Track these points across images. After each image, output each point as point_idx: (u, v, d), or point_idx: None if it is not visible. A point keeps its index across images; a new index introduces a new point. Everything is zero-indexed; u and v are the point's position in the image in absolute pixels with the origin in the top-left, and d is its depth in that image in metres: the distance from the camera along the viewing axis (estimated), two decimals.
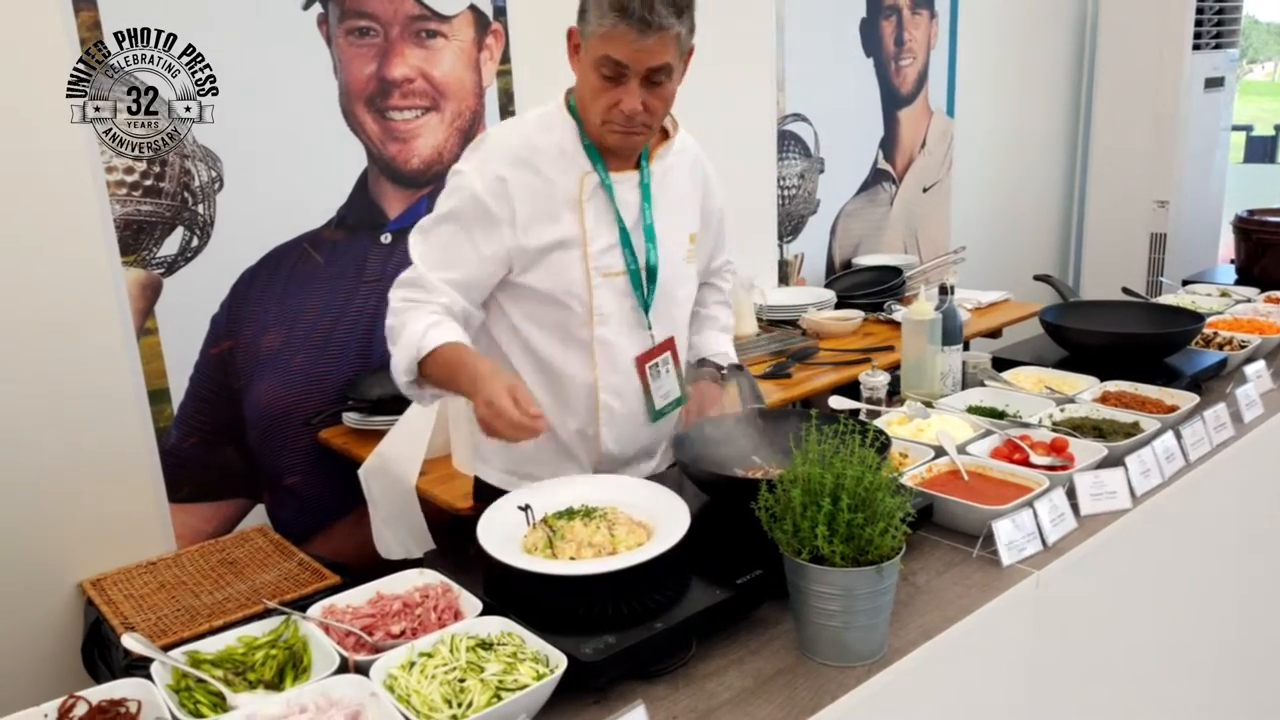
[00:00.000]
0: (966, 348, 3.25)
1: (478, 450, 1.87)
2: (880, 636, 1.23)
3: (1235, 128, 7.84)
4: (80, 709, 1.06)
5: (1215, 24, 4.73)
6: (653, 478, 1.67)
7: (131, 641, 1.13)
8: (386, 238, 2.72)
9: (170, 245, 2.31)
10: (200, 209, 2.35)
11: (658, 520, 1.40)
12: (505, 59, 2.86)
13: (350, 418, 2.54)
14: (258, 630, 1.22)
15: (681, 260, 1.79)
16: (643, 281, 1.71)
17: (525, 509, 1.44)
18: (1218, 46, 4.77)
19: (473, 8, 2.76)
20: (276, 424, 2.54)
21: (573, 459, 1.77)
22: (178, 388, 2.36)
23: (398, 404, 2.34)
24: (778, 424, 1.66)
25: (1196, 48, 4.63)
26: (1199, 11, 4.59)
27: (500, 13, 2.82)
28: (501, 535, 1.37)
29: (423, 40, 2.68)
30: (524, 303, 1.69)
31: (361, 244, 2.67)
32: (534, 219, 1.63)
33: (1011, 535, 1.46)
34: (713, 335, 1.99)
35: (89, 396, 2.24)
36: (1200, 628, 1.95)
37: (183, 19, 2.24)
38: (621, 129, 1.60)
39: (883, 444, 1.50)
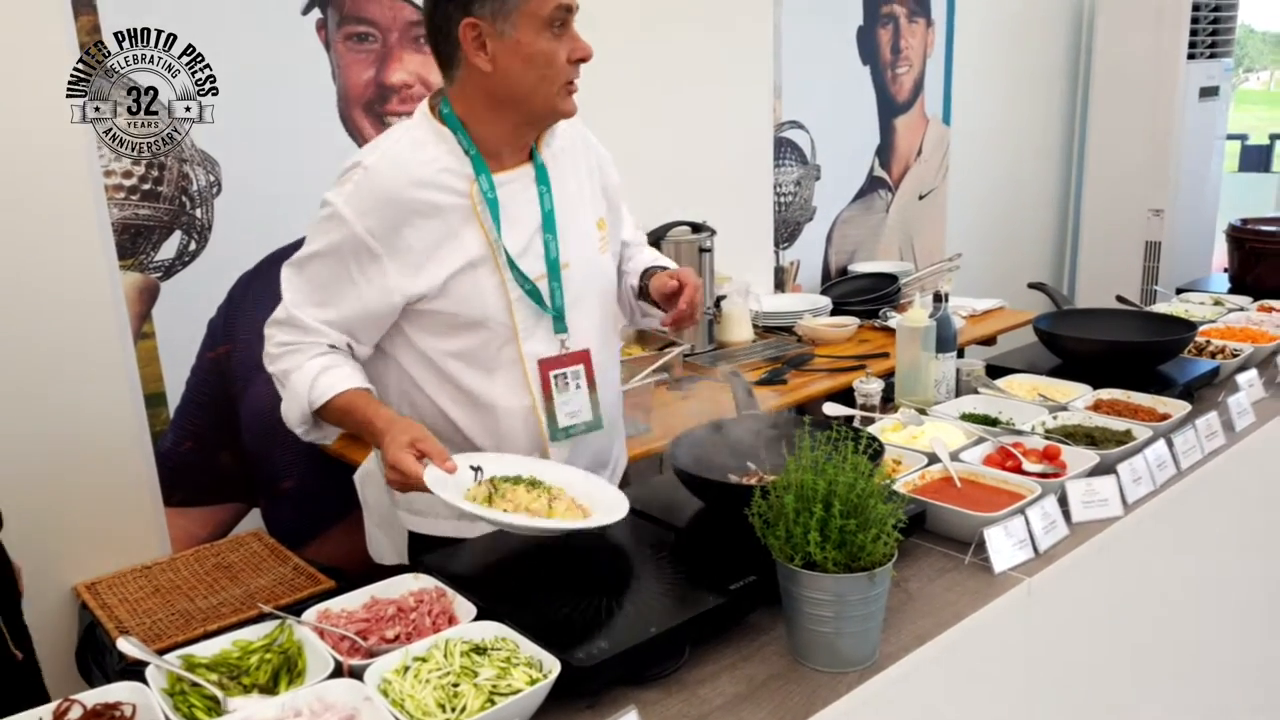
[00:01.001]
0: (961, 355, 3.27)
1: (405, 502, 1.73)
2: (872, 643, 1.24)
3: (1230, 136, 7.87)
4: (75, 712, 1.06)
5: (1210, 33, 4.76)
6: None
7: (127, 645, 1.13)
8: None
9: (168, 249, 2.32)
10: (198, 213, 2.35)
11: (598, 508, 1.41)
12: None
13: None
14: (252, 634, 1.22)
15: (595, 250, 1.68)
16: (553, 278, 1.61)
17: (477, 469, 1.46)
18: (1212, 56, 4.79)
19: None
20: (272, 428, 2.53)
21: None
22: (174, 391, 2.37)
23: None
24: (773, 429, 1.66)
25: (1191, 57, 4.66)
26: (1194, 21, 4.62)
27: None
28: (449, 484, 1.39)
29: (421, 46, 2.69)
30: (436, 333, 1.58)
31: None
32: (430, 248, 1.53)
33: (1003, 542, 1.46)
34: (645, 254, 1.90)
35: (85, 399, 2.24)
36: (1193, 635, 1.96)
37: (183, 23, 2.25)
38: (574, 86, 1.54)
39: (875, 451, 1.50)
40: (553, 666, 1.10)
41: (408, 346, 1.61)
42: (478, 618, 1.23)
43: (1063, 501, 1.60)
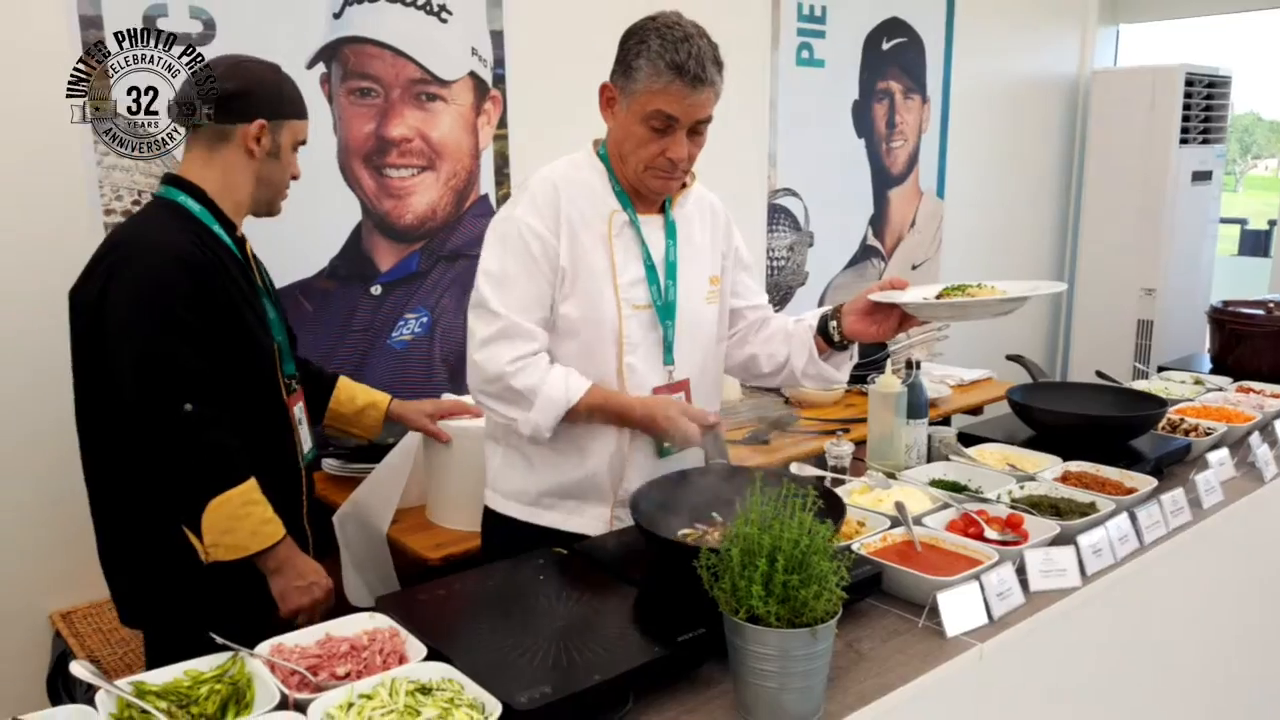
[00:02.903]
0: (947, 423, 3.30)
1: (492, 483, 1.93)
2: (816, 699, 1.25)
3: (1230, 220, 7.98)
4: None
5: (1203, 119, 4.86)
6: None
7: (79, 669, 1.15)
8: (377, 289, 2.78)
9: None
10: None
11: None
12: (502, 124, 2.96)
13: (329, 464, 2.57)
14: (205, 665, 1.24)
15: (702, 300, 1.90)
16: (666, 316, 1.83)
17: None
18: (1205, 141, 4.89)
19: (473, 74, 2.86)
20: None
21: (594, 490, 1.85)
22: None
23: (375, 452, 2.38)
24: (743, 483, 1.68)
25: (1184, 142, 4.76)
26: (1186, 107, 4.73)
27: (499, 80, 2.92)
28: None
29: (422, 103, 2.78)
30: (556, 333, 1.80)
31: (352, 294, 2.74)
32: (574, 249, 1.77)
33: (956, 606, 1.48)
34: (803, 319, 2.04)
35: (70, 429, 2.27)
36: (1144, 710, 1.96)
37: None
38: (665, 174, 1.78)
39: (832, 508, 1.53)
40: (494, 709, 1.12)
41: None
42: (427, 658, 1.25)
43: (1022, 570, 1.62)
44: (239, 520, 1.72)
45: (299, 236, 2.59)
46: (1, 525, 2.24)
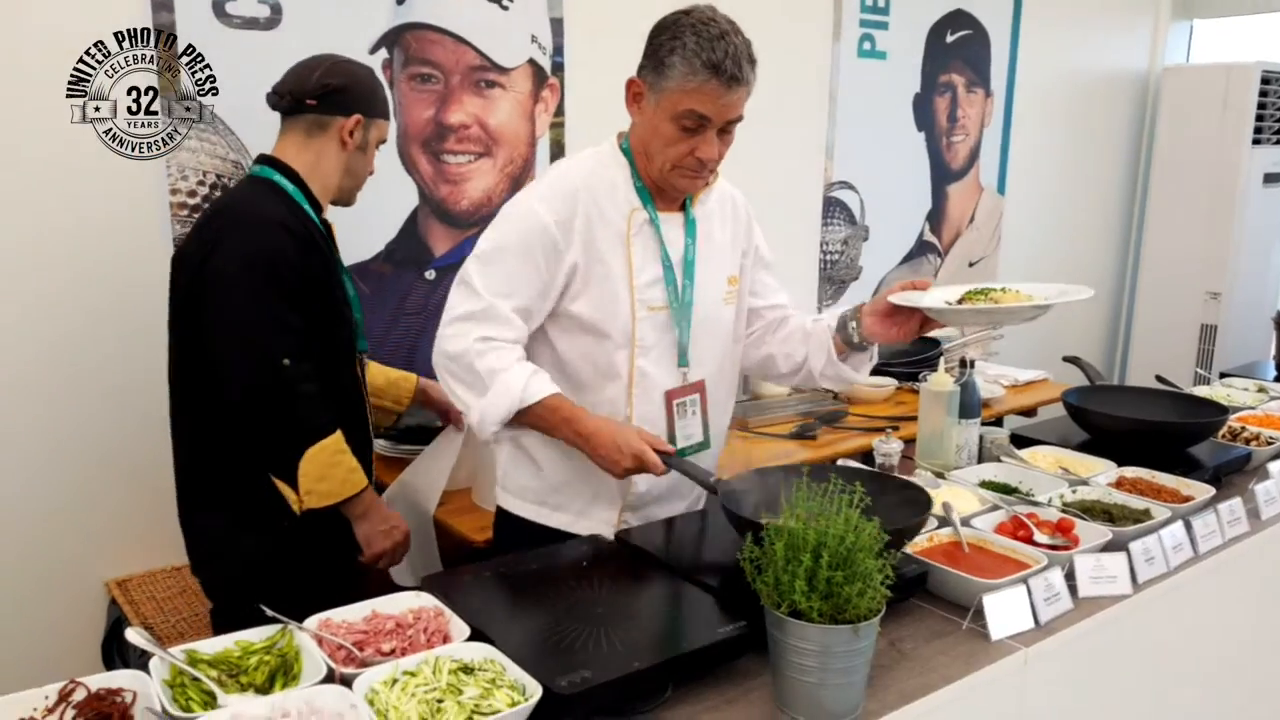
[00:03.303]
0: (999, 424, 3.25)
1: (502, 481, 1.92)
2: (855, 697, 1.25)
3: None
4: (79, 694, 1.12)
5: (1278, 119, 4.71)
6: (680, 519, 1.79)
7: (134, 636, 1.19)
8: (431, 274, 2.82)
9: None
10: None
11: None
12: (559, 112, 2.97)
13: (379, 444, 2.60)
14: (255, 636, 1.27)
15: (719, 300, 1.85)
16: (682, 317, 1.79)
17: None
18: (1279, 142, 4.74)
19: (532, 62, 2.87)
20: None
21: (603, 492, 1.82)
22: None
23: (424, 434, 2.41)
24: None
25: (1256, 142, 4.62)
26: (1260, 107, 4.59)
27: (558, 68, 2.93)
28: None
29: (481, 90, 2.80)
30: (568, 330, 1.77)
31: (407, 278, 2.77)
32: (589, 247, 1.72)
33: (1002, 610, 1.46)
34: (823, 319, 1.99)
35: (130, 402, 2.34)
36: None
37: (261, 59, 2.37)
38: (693, 174, 1.72)
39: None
40: (535, 691, 1.14)
41: (543, 342, 1.80)
42: (470, 638, 1.26)
43: (1071, 576, 1.60)
44: (331, 468, 1.86)
45: (357, 220, 2.61)
46: (60, 495, 2.30)
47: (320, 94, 1.98)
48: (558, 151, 2.97)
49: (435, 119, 2.73)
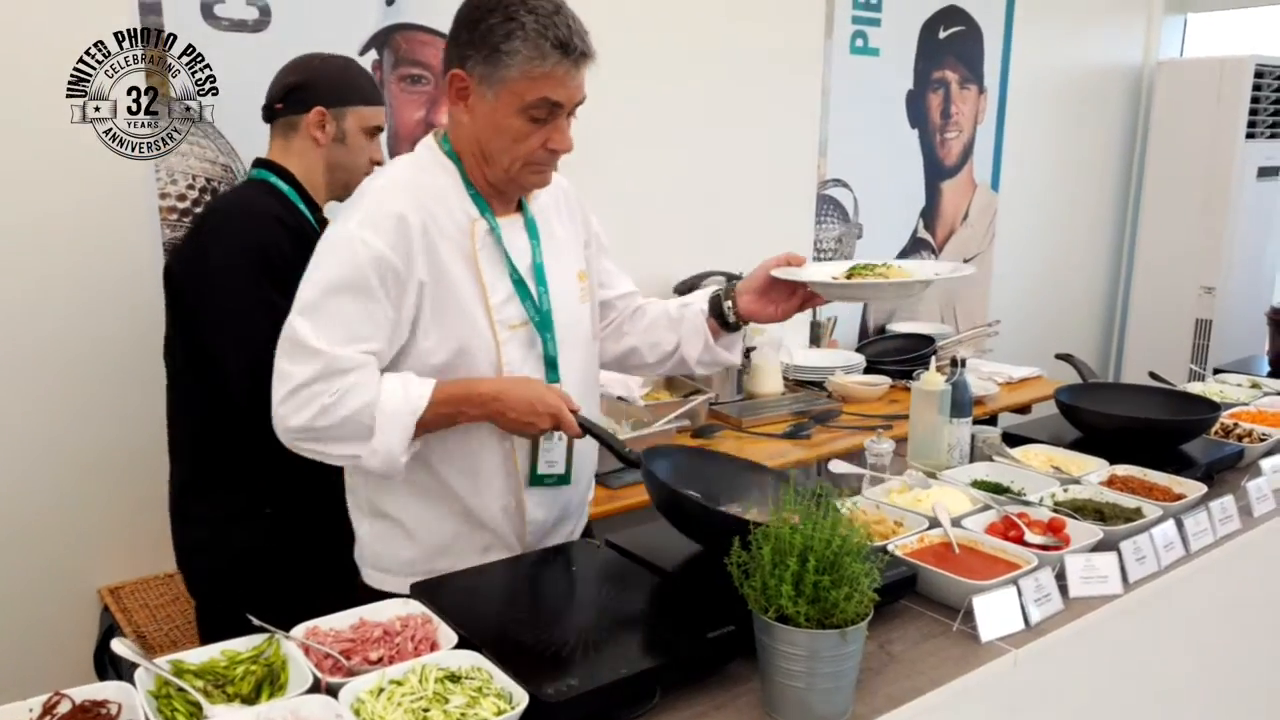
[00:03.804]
0: (993, 421, 3.25)
1: (371, 561, 1.70)
2: (844, 700, 1.24)
3: None
4: (64, 706, 1.11)
5: (1272, 113, 4.71)
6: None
7: (120, 646, 1.19)
8: None
9: None
10: None
11: None
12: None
13: None
14: (242, 645, 1.27)
15: (576, 301, 1.71)
16: (545, 328, 1.63)
17: None
18: (1273, 136, 4.74)
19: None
20: None
21: (497, 539, 1.66)
22: None
23: None
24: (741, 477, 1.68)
25: (1250, 136, 4.61)
26: (1254, 100, 4.58)
27: None
28: None
29: None
30: (426, 369, 1.55)
31: None
32: (434, 268, 1.53)
33: (992, 611, 1.46)
34: (689, 297, 1.89)
35: (124, 408, 2.34)
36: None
37: (244, 58, 2.36)
38: (544, 168, 1.57)
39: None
40: (521, 700, 1.13)
41: None
42: (459, 646, 1.26)
43: (1061, 576, 1.59)
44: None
45: None
46: (52, 502, 2.30)
47: (283, 95, 2.00)
48: None
49: (426, 120, 2.73)
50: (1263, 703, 2.15)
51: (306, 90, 2.00)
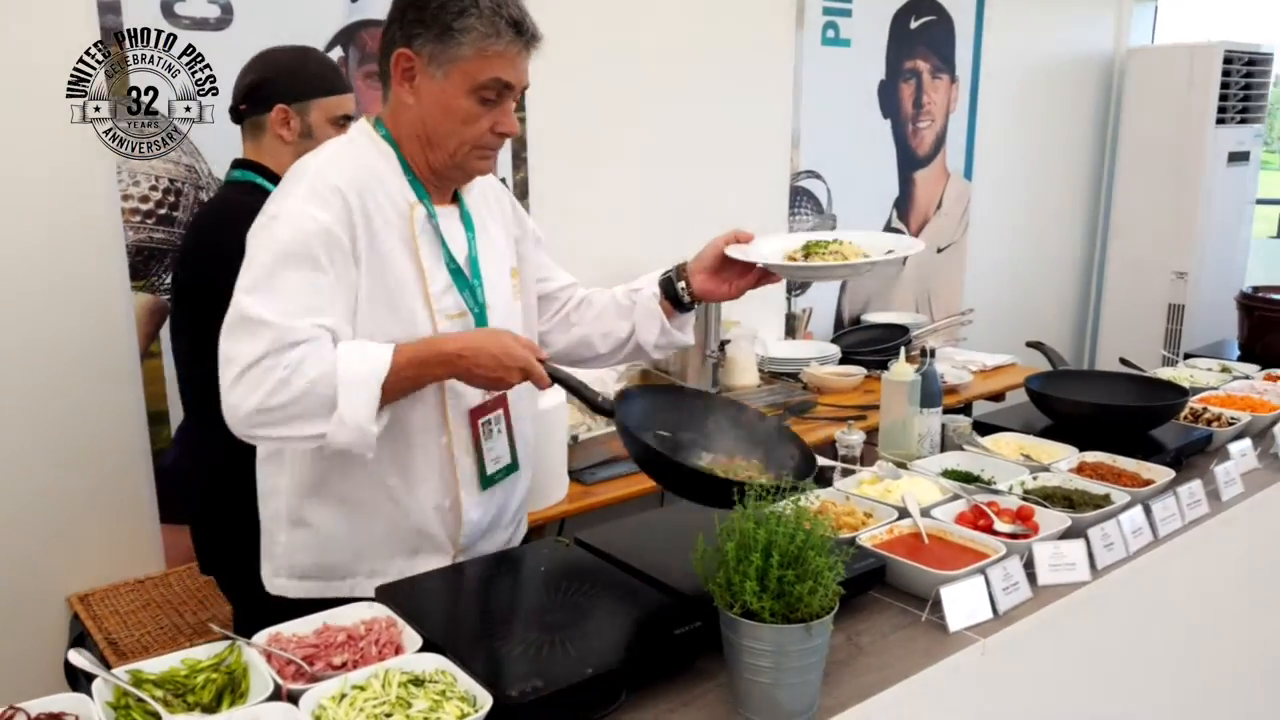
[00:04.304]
0: (968, 409, 3.26)
1: (279, 566, 1.62)
2: (811, 694, 1.24)
3: (1269, 201, 7.76)
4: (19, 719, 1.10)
5: (1242, 99, 4.74)
6: (640, 519, 1.69)
7: (77, 658, 1.17)
8: None
9: None
10: None
11: None
12: (520, 107, 2.94)
13: None
14: (202, 654, 1.25)
15: (509, 298, 1.67)
16: (481, 322, 1.58)
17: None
18: (1243, 121, 4.77)
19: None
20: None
21: (429, 541, 1.60)
22: (177, 410, 2.42)
23: None
24: (715, 414, 1.66)
25: (1221, 122, 4.65)
26: (1224, 86, 4.61)
27: None
28: None
29: None
30: None
31: None
32: (374, 252, 1.47)
33: (960, 601, 1.46)
34: (636, 282, 1.84)
35: (91, 415, 2.31)
36: (1153, 709, 1.92)
37: (209, 60, 2.33)
38: (491, 151, 1.54)
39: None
40: (485, 702, 1.12)
41: None
42: (423, 648, 1.25)
43: (1030, 564, 1.60)
44: None
45: None
46: (20, 508, 2.27)
47: (244, 95, 1.98)
48: (519, 146, 2.95)
49: None
50: (1231, 686, 2.17)
51: (265, 88, 1.97)
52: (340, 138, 1.59)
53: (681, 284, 1.76)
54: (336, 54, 2.58)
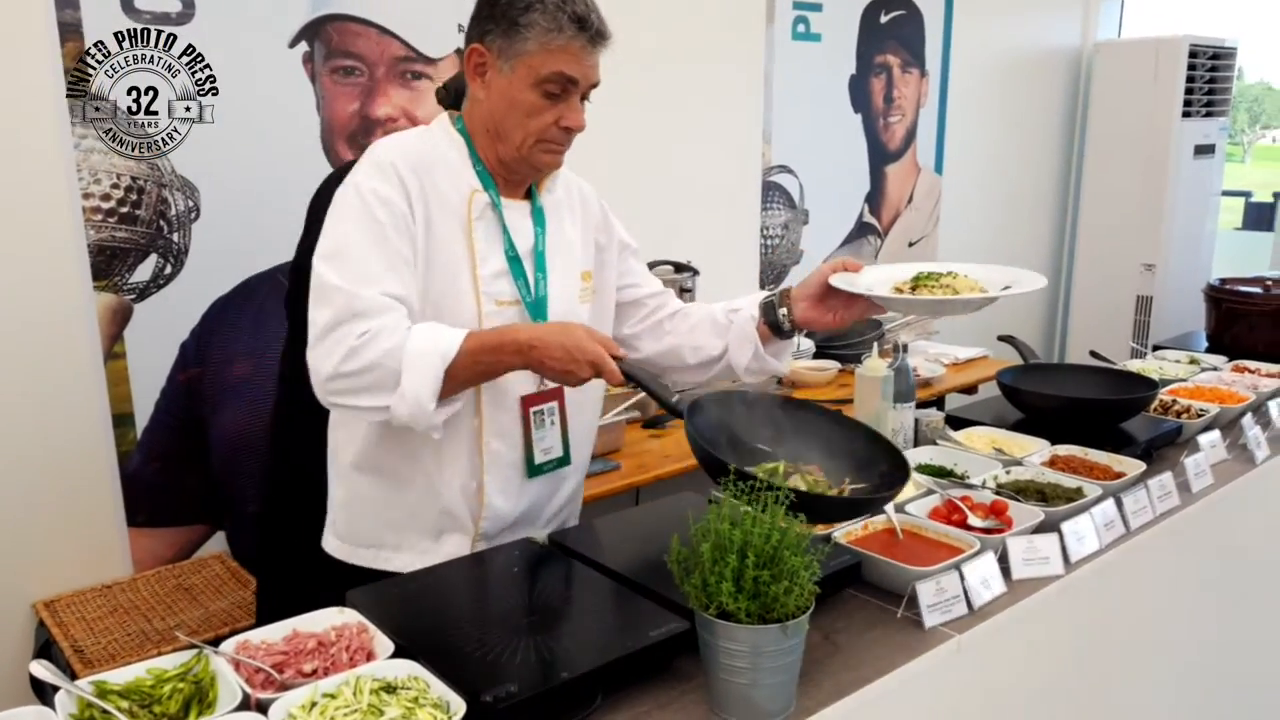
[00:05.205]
0: (941, 402, 3.28)
1: (329, 522, 1.71)
2: (788, 694, 1.23)
3: (1234, 193, 7.88)
4: None
5: (1206, 92, 4.79)
6: (614, 519, 1.66)
7: (38, 669, 1.14)
8: None
9: (143, 272, 2.35)
10: (175, 237, 2.39)
11: None
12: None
13: None
14: (169, 663, 1.22)
15: (575, 298, 1.67)
16: (538, 313, 1.60)
17: None
18: (1209, 115, 4.83)
19: (459, 51, 2.81)
20: (241, 452, 2.56)
21: (454, 521, 1.62)
22: (143, 412, 2.39)
23: None
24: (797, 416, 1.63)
25: (1187, 115, 4.69)
26: (1190, 80, 4.66)
27: None
28: None
29: (408, 81, 2.74)
30: None
31: None
32: (429, 228, 1.52)
33: (935, 596, 1.46)
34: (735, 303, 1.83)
35: (53, 417, 2.27)
36: (1130, 700, 1.94)
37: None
38: (558, 146, 1.57)
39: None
40: (459, 709, 1.11)
41: None
42: (395, 654, 1.23)
43: (1004, 558, 1.60)
44: None
45: (281, 219, 2.55)
46: None
47: None
48: None
49: (360, 113, 2.67)
50: (1203, 678, 2.19)
51: None
52: (416, 128, 1.65)
53: (783, 310, 1.74)
54: (301, 49, 2.55)
